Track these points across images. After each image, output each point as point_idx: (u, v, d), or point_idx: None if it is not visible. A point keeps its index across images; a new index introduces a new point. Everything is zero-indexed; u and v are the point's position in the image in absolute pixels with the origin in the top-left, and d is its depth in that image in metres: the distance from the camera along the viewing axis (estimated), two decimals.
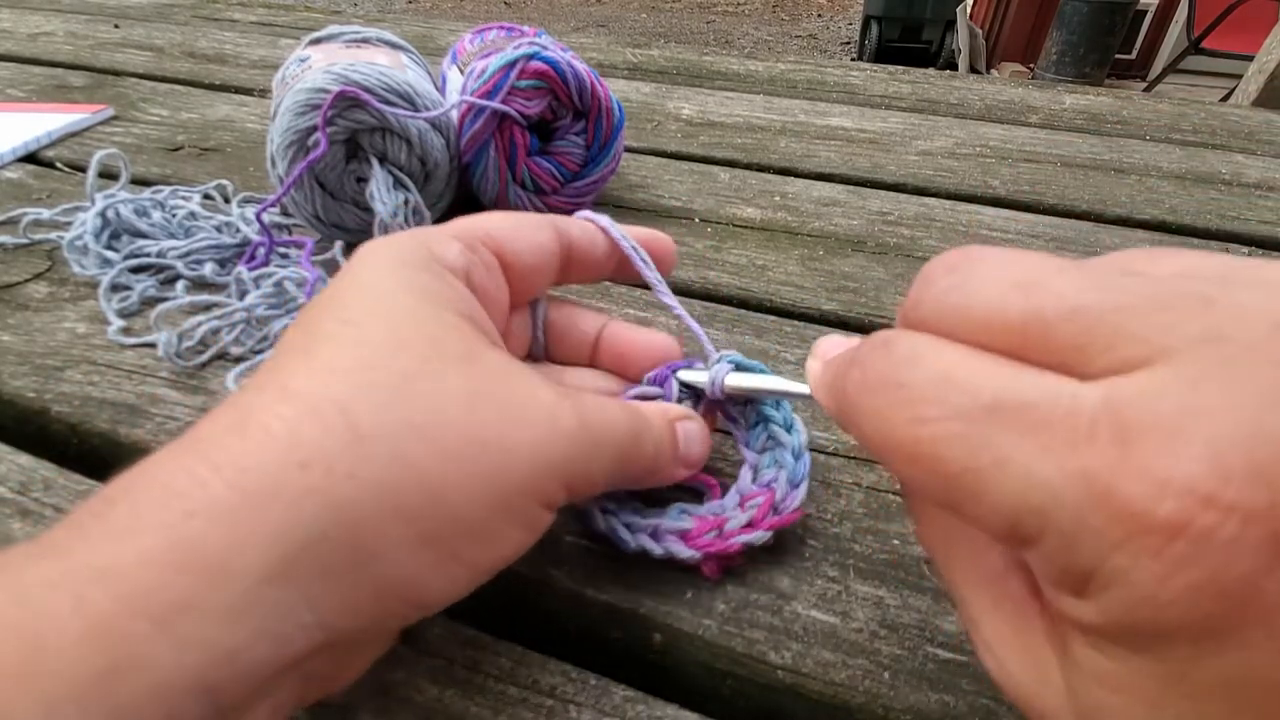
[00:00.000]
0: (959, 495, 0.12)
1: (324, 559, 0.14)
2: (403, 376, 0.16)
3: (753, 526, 0.22)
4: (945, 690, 0.20)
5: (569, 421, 0.18)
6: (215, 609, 0.12)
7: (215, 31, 0.79)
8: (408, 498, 0.15)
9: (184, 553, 0.13)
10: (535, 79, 0.38)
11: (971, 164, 0.53)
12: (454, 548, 0.16)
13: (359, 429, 0.15)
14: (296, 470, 0.14)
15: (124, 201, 0.37)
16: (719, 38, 4.12)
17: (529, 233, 0.22)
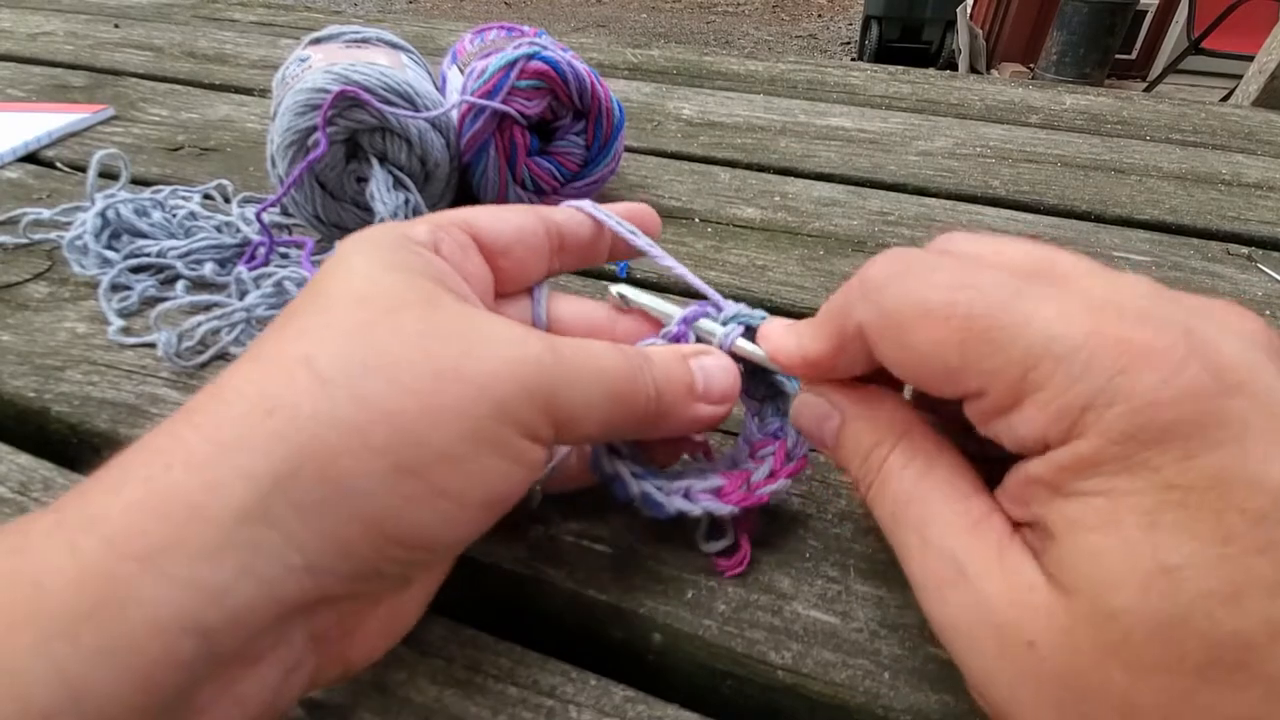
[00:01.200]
0: (981, 350, 0.15)
1: (298, 497, 0.14)
2: (361, 325, 0.16)
3: (774, 476, 0.22)
4: (945, 690, 0.20)
5: (537, 349, 0.18)
6: (197, 549, 0.13)
7: (215, 31, 0.79)
8: (374, 432, 0.15)
9: (163, 499, 0.13)
10: (535, 79, 0.38)
11: (972, 164, 0.53)
12: (433, 480, 0.16)
13: (321, 375, 0.15)
14: (264, 417, 0.15)
15: (124, 201, 0.37)
16: (719, 38, 4.12)
17: (507, 214, 0.22)
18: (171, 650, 0.12)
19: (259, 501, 0.14)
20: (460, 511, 0.17)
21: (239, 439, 0.14)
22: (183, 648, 0.13)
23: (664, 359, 0.21)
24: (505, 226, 0.22)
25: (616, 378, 0.19)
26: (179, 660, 0.13)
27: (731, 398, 0.22)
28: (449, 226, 0.21)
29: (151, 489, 0.13)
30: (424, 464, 0.15)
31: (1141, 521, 0.14)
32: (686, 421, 0.21)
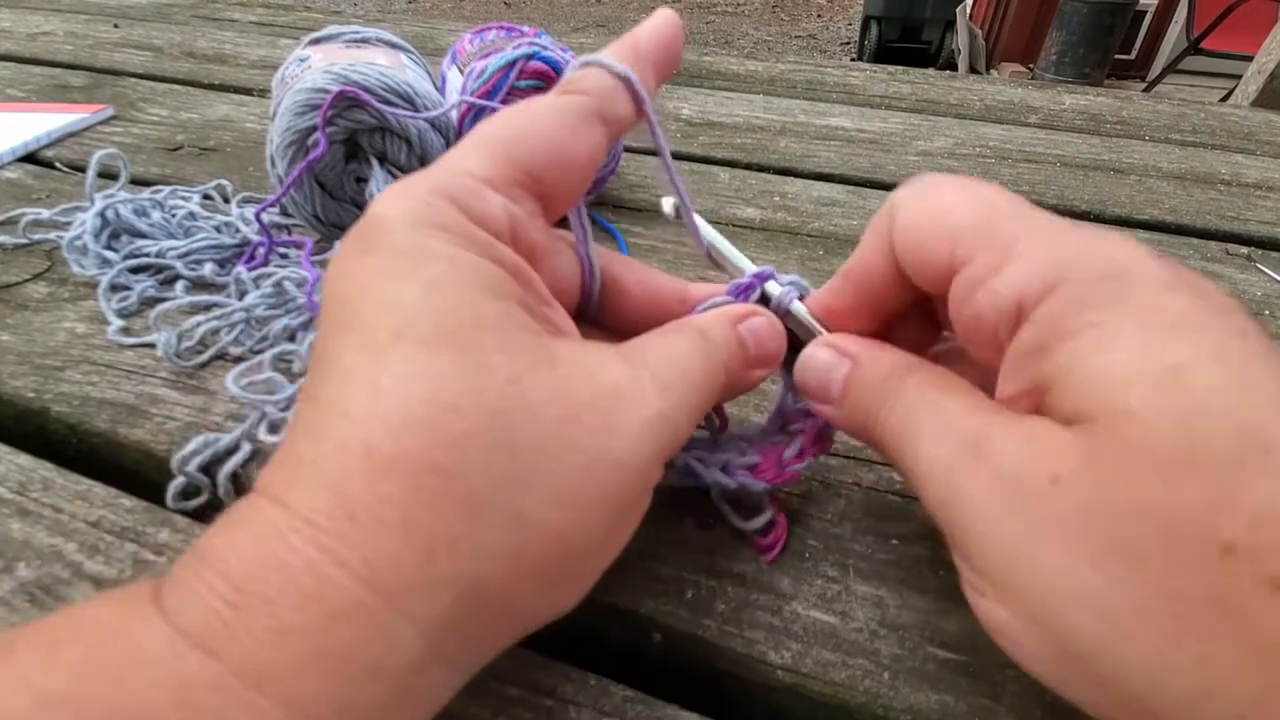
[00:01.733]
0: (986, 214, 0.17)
1: (464, 634, 0.14)
2: (493, 416, 0.14)
3: (802, 455, 0.23)
4: (945, 690, 0.20)
5: (657, 402, 0.17)
6: (372, 701, 0.13)
7: (215, 31, 0.79)
8: (534, 555, 0.14)
9: (337, 657, 0.13)
10: (535, 79, 0.38)
11: (971, 164, 0.53)
12: (583, 573, 0.17)
13: (471, 498, 0.14)
14: (425, 561, 0.13)
15: (123, 201, 0.37)
16: (719, 38, 4.12)
17: (575, 148, 0.18)
18: None
19: (432, 648, 0.14)
20: (594, 579, 0.17)
21: (405, 587, 0.13)
22: None
23: (722, 334, 0.20)
24: (573, 173, 0.19)
25: (703, 381, 0.19)
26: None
27: (778, 358, 0.22)
28: (519, 194, 0.18)
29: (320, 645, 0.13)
30: (578, 567, 0.16)
31: (1136, 336, 0.14)
32: (743, 389, 0.22)
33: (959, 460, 0.16)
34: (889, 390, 0.19)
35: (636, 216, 0.44)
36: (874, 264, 0.20)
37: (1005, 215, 0.17)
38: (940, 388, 0.18)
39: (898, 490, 0.26)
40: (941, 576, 0.23)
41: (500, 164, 0.17)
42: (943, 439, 0.17)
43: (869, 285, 0.21)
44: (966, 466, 0.16)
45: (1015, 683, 0.20)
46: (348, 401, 0.14)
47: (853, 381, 0.20)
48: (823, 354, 0.21)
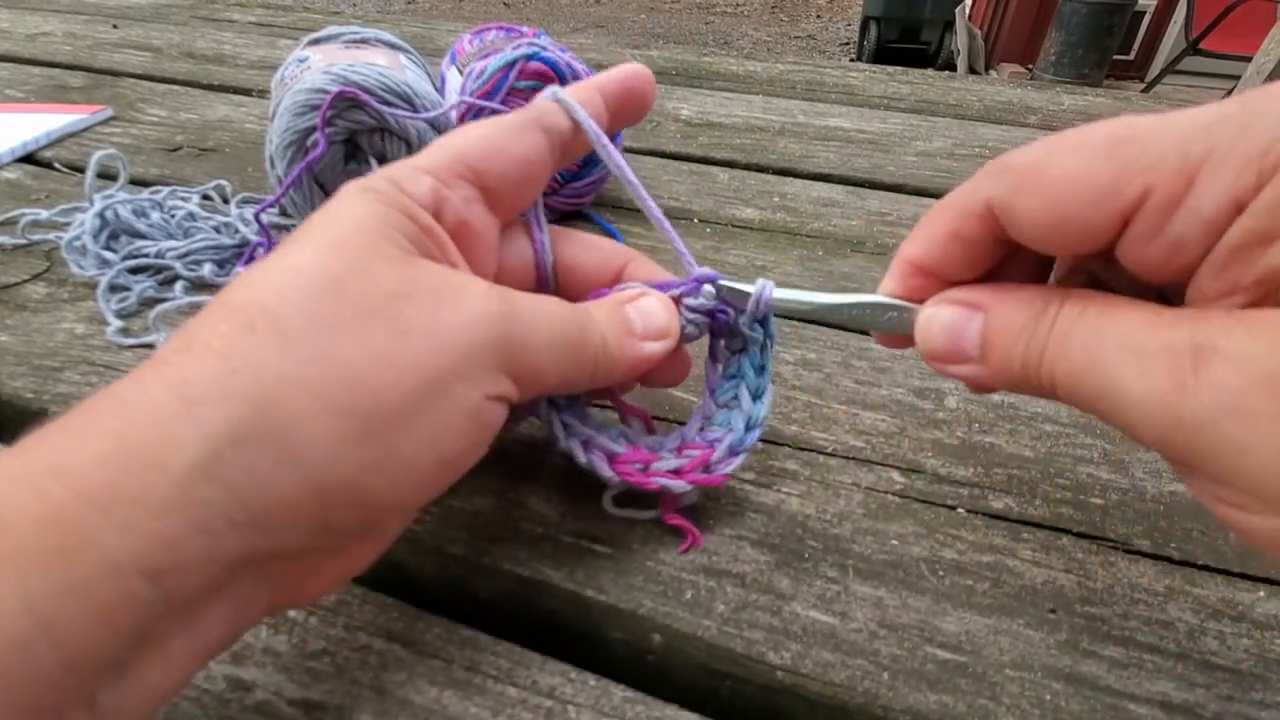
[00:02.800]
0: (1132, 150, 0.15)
1: (251, 456, 0.14)
2: (330, 279, 0.16)
3: (678, 474, 0.22)
4: (944, 690, 0.20)
5: (496, 304, 0.18)
6: (153, 502, 0.14)
7: (214, 32, 0.79)
8: (335, 393, 0.15)
9: (128, 453, 0.14)
10: (534, 79, 0.38)
11: (970, 165, 0.53)
12: (390, 443, 0.16)
13: (285, 332, 0.15)
14: (229, 377, 0.15)
15: (122, 202, 0.37)
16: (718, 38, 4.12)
17: (511, 146, 0.21)
18: (128, 590, 0.13)
19: (212, 459, 0.14)
20: (412, 475, 0.17)
21: (203, 398, 0.15)
22: (138, 588, 0.13)
23: (603, 307, 0.22)
24: (514, 170, 0.21)
25: (568, 328, 0.20)
26: (136, 599, 0.13)
27: (670, 331, 0.22)
28: (454, 180, 0.20)
29: (118, 442, 0.14)
30: (384, 428, 0.16)
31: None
32: (636, 360, 0.22)
33: (1179, 379, 0.15)
34: (1044, 332, 0.17)
35: (636, 217, 0.44)
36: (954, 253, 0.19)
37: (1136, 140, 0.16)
38: (1108, 311, 0.17)
39: (898, 490, 0.26)
40: (941, 576, 0.23)
41: (439, 157, 0.20)
42: (1147, 364, 0.15)
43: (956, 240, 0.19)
44: (1192, 383, 0.14)
45: (1015, 683, 0.20)
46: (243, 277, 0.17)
47: (993, 332, 0.18)
48: (946, 312, 0.19)
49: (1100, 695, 0.20)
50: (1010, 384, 0.19)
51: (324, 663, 0.20)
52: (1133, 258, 0.16)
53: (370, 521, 0.17)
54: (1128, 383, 0.15)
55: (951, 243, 0.19)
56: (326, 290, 0.16)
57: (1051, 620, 0.22)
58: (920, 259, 0.20)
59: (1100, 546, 0.24)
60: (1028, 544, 0.24)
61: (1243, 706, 0.20)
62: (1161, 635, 0.21)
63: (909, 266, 0.20)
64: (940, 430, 0.28)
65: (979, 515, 0.25)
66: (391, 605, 0.21)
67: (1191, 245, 0.15)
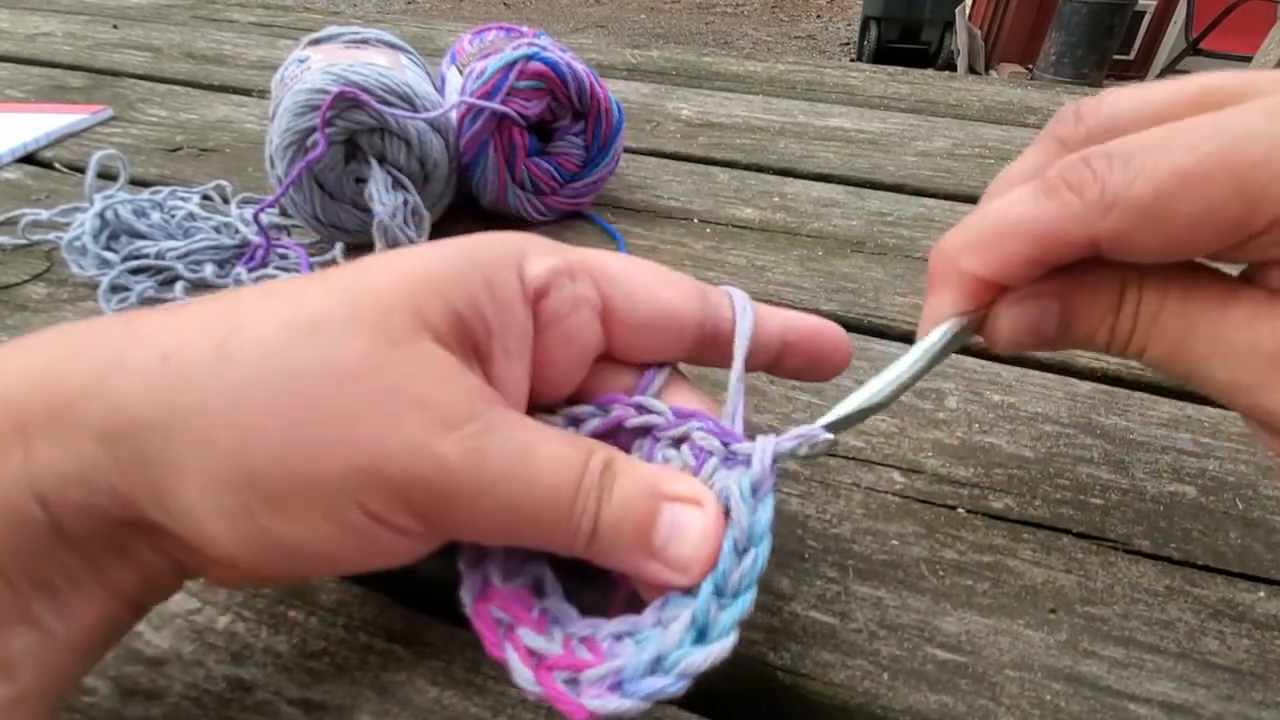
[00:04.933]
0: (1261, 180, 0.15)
1: (139, 443, 0.15)
2: (309, 327, 0.16)
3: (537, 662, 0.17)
4: (944, 690, 0.20)
5: (453, 452, 0.15)
6: (56, 438, 0.14)
7: (214, 32, 0.79)
8: (222, 440, 0.15)
9: (54, 383, 0.15)
10: (534, 80, 0.38)
11: (970, 165, 0.53)
12: (255, 510, 0.15)
13: (228, 355, 0.15)
14: (162, 360, 0.15)
15: (123, 202, 0.37)
16: (718, 38, 4.12)
17: (658, 287, 0.20)
18: (24, 506, 0.14)
19: (111, 428, 0.14)
20: (270, 544, 0.15)
21: (134, 368, 0.15)
22: (31, 508, 0.14)
23: (629, 489, 0.17)
24: (648, 308, 0.19)
25: (543, 500, 0.16)
26: (30, 517, 0.14)
27: (696, 570, 0.17)
28: (581, 273, 0.19)
29: (49, 369, 0.15)
30: (245, 487, 0.15)
31: None
32: (630, 573, 0.18)
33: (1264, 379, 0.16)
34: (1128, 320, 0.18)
35: (636, 217, 0.44)
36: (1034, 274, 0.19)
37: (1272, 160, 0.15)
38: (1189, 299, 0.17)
39: (898, 490, 0.26)
40: (941, 576, 0.23)
41: (585, 255, 0.20)
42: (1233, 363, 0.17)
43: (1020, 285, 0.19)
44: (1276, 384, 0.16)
45: (1015, 683, 0.20)
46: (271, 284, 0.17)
47: (1071, 318, 0.19)
48: (1023, 308, 0.19)
49: (1100, 695, 0.20)
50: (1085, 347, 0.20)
51: (324, 663, 0.20)
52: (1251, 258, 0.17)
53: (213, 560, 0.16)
54: (1217, 375, 0.17)
55: (1033, 266, 0.19)
56: (295, 336, 0.16)
57: (1051, 620, 0.22)
58: (994, 278, 0.19)
59: (1100, 546, 0.24)
60: (1028, 544, 0.24)
61: (1243, 706, 0.20)
62: (1161, 635, 0.21)
63: (977, 283, 0.20)
64: (940, 430, 0.28)
65: (979, 515, 0.25)
66: (391, 605, 0.21)
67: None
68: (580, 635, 0.17)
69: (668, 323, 0.20)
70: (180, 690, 0.19)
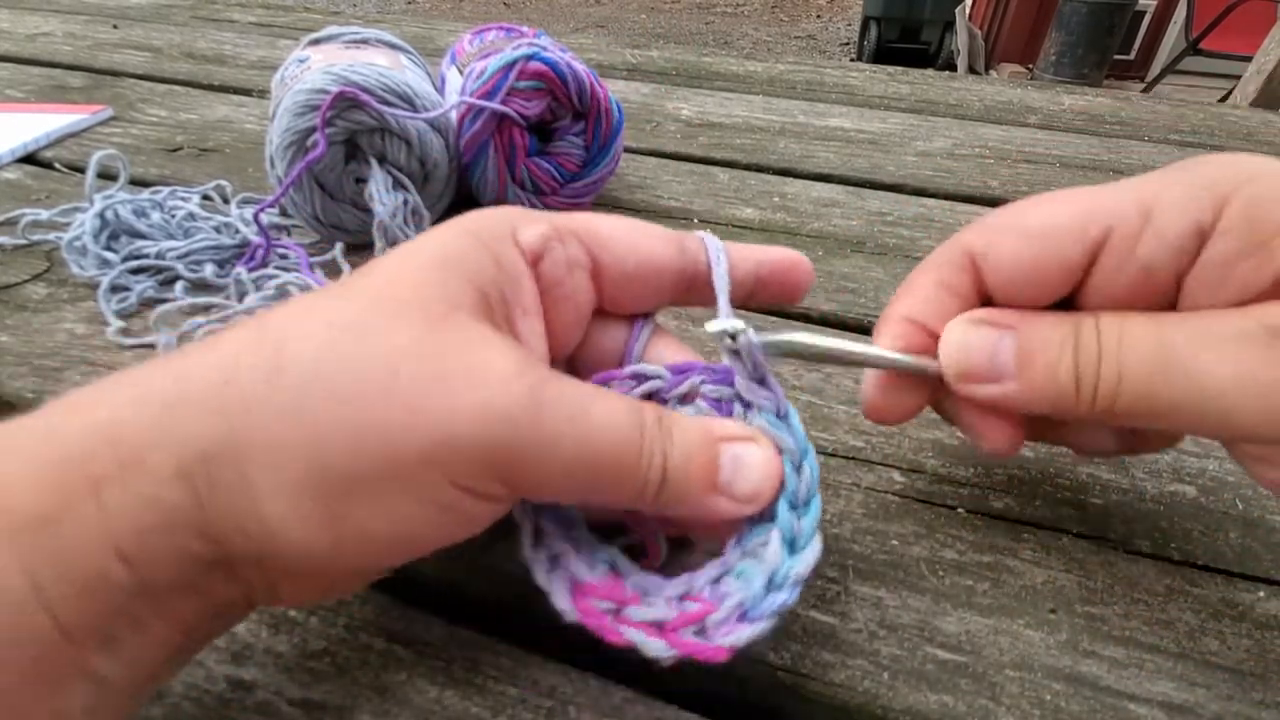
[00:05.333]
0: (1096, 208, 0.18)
1: (214, 473, 0.15)
2: (350, 328, 0.16)
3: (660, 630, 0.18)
4: (944, 690, 0.20)
5: (515, 402, 0.16)
6: (131, 490, 0.14)
7: (214, 32, 0.79)
8: (288, 440, 0.15)
9: (118, 434, 0.14)
10: (534, 80, 0.38)
11: (970, 165, 0.53)
12: (338, 508, 0.15)
13: (282, 368, 0.15)
14: (220, 387, 0.15)
15: (123, 202, 0.37)
16: (718, 38, 4.12)
17: (639, 239, 0.21)
18: (105, 568, 0.14)
19: (184, 466, 0.14)
20: (360, 543, 0.16)
21: (196, 398, 0.15)
22: (114, 569, 0.14)
23: (688, 437, 0.18)
24: (632, 258, 0.20)
25: (605, 450, 0.17)
26: (112, 578, 0.14)
27: (763, 498, 0.18)
28: (569, 236, 0.20)
29: (110, 420, 0.15)
30: (333, 492, 0.15)
31: None
32: (698, 514, 0.18)
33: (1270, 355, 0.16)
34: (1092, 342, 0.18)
35: (636, 217, 0.44)
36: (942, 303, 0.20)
37: (1095, 193, 0.18)
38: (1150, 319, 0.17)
39: (898, 490, 0.26)
40: (941, 576, 0.23)
41: (569, 218, 0.20)
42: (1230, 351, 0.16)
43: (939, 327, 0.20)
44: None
45: (1015, 683, 0.20)
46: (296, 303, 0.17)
47: (1029, 346, 0.19)
48: (978, 331, 0.19)
49: (1100, 695, 0.20)
50: (1049, 400, 0.18)
51: (324, 663, 0.20)
52: (1105, 293, 0.18)
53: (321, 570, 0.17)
54: (1214, 369, 0.16)
55: (938, 292, 0.20)
56: (339, 336, 0.16)
57: (1051, 620, 0.22)
58: (911, 313, 0.21)
59: (1100, 546, 0.24)
60: (1028, 544, 0.24)
61: (1243, 706, 0.20)
62: (1161, 635, 0.21)
63: (903, 323, 0.21)
64: (940, 430, 0.28)
65: (979, 515, 0.25)
66: (391, 605, 0.22)
67: (1161, 268, 0.17)
68: (677, 595, 0.18)
69: (651, 272, 0.21)
70: (180, 690, 0.19)
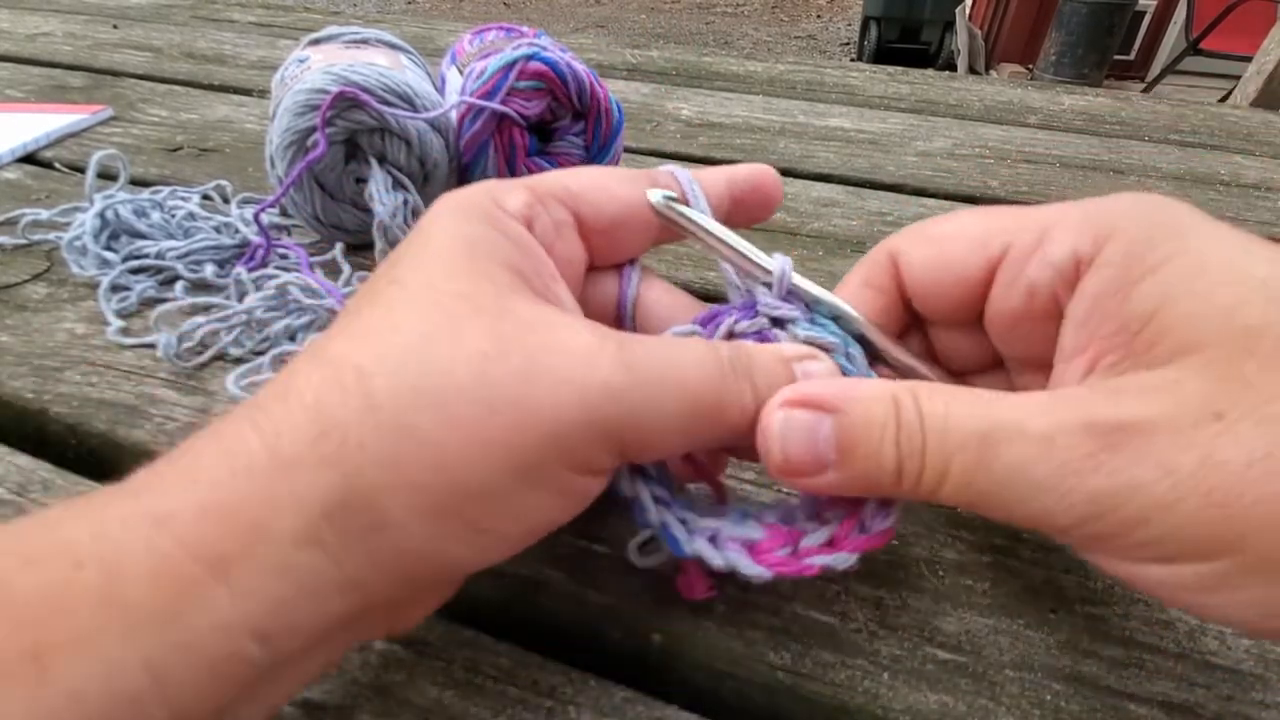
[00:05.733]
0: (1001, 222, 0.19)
1: (343, 525, 0.14)
2: (421, 338, 0.16)
3: (833, 546, 0.19)
4: (944, 690, 0.20)
5: (609, 372, 0.16)
6: (260, 565, 0.14)
7: (214, 32, 0.79)
8: (413, 469, 0.15)
9: (231, 510, 0.14)
10: (534, 80, 0.38)
11: (970, 165, 0.53)
12: (470, 518, 0.15)
13: (373, 397, 0.15)
14: (318, 439, 0.15)
15: (123, 202, 0.37)
16: (718, 39, 4.12)
17: (614, 188, 0.21)
18: (238, 651, 0.13)
19: (310, 527, 0.14)
20: (498, 544, 0.17)
21: (295, 460, 0.14)
22: (248, 649, 0.14)
23: (765, 362, 0.18)
24: (611, 206, 0.21)
25: (703, 392, 0.17)
26: (245, 658, 0.14)
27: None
28: (549, 200, 0.20)
29: (221, 496, 0.14)
30: (461, 505, 0.15)
31: (1220, 260, 0.16)
32: None
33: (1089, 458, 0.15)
34: (914, 423, 0.17)
35: None
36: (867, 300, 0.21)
37: (1007, 212, 0.19)
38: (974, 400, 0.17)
39: None
40: (941, 577, 0.23)
41: (540, 178, 0.20)
42: (1047, 449, 0.15)
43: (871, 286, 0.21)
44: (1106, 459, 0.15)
45: (1015, 683, 0.20)
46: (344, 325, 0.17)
47: (850, 430, 0.17)
48: (797, 417, 0.17)
49: (1100, 695, 0.20)
50: (872, 488, 0.18)
51: None
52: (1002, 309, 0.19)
53: (455, 578, 0.18)
54: (1033, 468, 0.16)
55: (862, 289, 0.21)
56: (416, 352, 0.16)
57: (1051, 620, 0.22)
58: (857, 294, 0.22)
59: None
60: (1028, 544, 0.24)
61: (1243, 706, 0.20)
62: (1161, 635, 0.21)
63: None
64: None
65: (979, 515, 0.25)
66: None
67: (1044, 289, 0.18)
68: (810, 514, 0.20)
69: (631, 216, 0.21)
70: None
